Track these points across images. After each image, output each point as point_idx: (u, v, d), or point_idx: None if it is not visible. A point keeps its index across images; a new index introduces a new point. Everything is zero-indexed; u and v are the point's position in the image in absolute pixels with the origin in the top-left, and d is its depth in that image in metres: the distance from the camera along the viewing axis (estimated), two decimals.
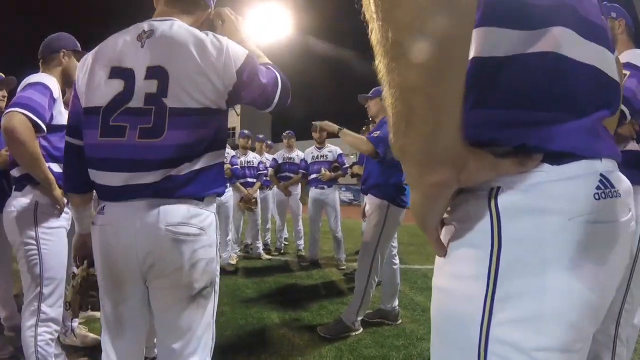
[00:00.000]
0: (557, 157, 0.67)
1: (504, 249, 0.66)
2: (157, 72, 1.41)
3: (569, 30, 0.71)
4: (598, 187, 0.68)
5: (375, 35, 0.58)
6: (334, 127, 3.57)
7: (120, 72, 1.45)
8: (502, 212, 0.67)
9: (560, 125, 0.68)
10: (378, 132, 3.43)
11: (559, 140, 0.67)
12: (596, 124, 0.72)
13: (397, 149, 0.63)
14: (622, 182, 0.73)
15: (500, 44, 0.70)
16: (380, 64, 0.59)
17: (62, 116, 2.33)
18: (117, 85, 1.44)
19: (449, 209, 0.76)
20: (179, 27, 1.47)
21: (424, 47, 0.54)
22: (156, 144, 1.39)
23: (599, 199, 0.67)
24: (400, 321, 3.82)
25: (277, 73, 1.59)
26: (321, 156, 6.42)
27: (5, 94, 3.22)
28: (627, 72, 1.97)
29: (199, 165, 1.44)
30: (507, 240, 0.66)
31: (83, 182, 1.58)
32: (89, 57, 1.55)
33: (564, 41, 0.70)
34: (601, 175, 0.69)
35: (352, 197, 22.29)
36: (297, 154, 7.08)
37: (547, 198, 0.66)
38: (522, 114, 0.69)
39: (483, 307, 0.67)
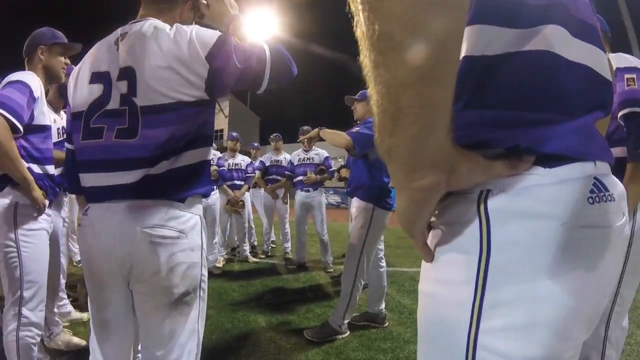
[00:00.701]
0: (550, 160, 0.64)
1: (493, 255, 0.64)
2: (127, 73, 1.40)
3: (562, 29, 0.69)
4: (592, 191, 0.66)
5: (361, 28, 0.55)
6: (315, 131, 3.53)
7: (99, 77, 1.47)
8: (492, 216, 0.65)
9: (553, 127, 0.65)
10: (357, 129, 3.41)
11: (553, 142, 0.64)
12: (590, 126, 0.70)
13: (384, 149, 0.61)
14: (617, 186, 0.71)
15: (492, 42, 0.67)
16: (365, 59, 0.56)
17: (44, 116, 2.30)
18: (97, 89, 1.46)
19: (436, 212, 0.73)
20: (148, 25, 1.45)
21: (416, 41, 0.51)
22: (132, 144, 1.37)
23: (593, 203, 0.65)
24: (387, 324, 3.81)
25: (265, 50, 1.47)
26: (307, 159, 6.42)
27: None
28: (633, 76, 1.97)
29: (178, 163, 1.41)
30: (496, 246, 0.64)
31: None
32: (78, 66, 1.57)
33: (557, 40, 0.68)
34: (595, 178, 0.67)
35: (340, 200, 22.31)
36: (284, 157, 7.09)
37: (540, 202, 0.63)
38: (515, 114, 0.66)
39: (471, 313, 0.65)
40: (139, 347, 1.60)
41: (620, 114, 1.96)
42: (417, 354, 0.79)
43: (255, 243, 7.93)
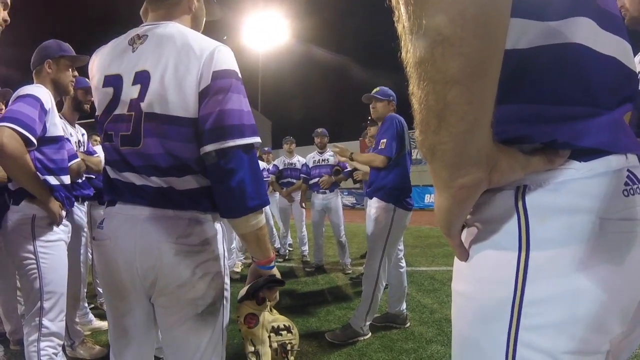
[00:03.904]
0: (585, 154, 0.64)
1: (533, 251, 0.63)
2: (142, 77, 1.34)
3: (591, 21, 0.68)
4: (626, 184, 0.66)
5: (403, 23, 0.54)
6: (348, 152, 3.52)
7: (110, 80, 1.41)
8: (530, 212, 0.64)
9: (589, 120, 0.65)
10: (384, 140, 3.43)
11: (589, 136, 0.64)
12: (621, 119, 0.69)
13: (426, 147, 0.59)
14: None
15: (522, 36, 0.65)
16: (408, 54, 0.55)
17: (56, 127, 2.30)
18: (108, 93, 1.41)
19: (471, 209, 0.72)
20: (173, 27, 1.40)
21: (466, 34, 0.49)
22: (139, 151, 1.33)
23: (628, 195, 0.65)
24: (408, 324, 3.77)
25: (252, 129, 1.33)
26: (322, 160, 6.42)
27: (2, 107, 3.21)
28: None
29: (197, 182, 1.35)
30: (535, 242, 0.63)
31: None
32: (92, 67, 1.52)
33: (587, 33, 0.67)
34: (628, 170, 0.67)
35: (355, 201, 22.26)
36: (297, 159, 7.11)
37: (578, 196, 0.63)
38: (551, 109, 0.65)
39: (511, 311, 0.64)
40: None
41: None
42: (452, 355, 0.78)
43: (278, 246, 7.90)
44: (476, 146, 0.57)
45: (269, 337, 1.52)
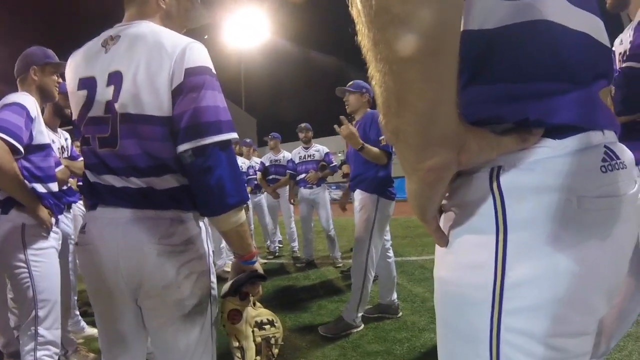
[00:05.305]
0: (560, 131, 0.63)
1: (511, 233, 0.62)
2: (115, 78, 1.32)
3: None
4: (604, 160, 0.64)
5: (356, 7, 0.53)
6: (360, 143, 3.41)
7: (85, 82, 1.40)
8: (506, 193, 0.63)
9: (560, 97, 0.63)
10: (383, 137, 3.40)
11: (561, 113, 0.63)
12: (595, 94, 0.68)
13: (390, 130, 0.59)
14: (625, 153, 0.70)
15: (489, 15, 0.64)
16: (364, 38, 0.55)
17: (42, 135, 2.29)
18: (82, 96, 1.39)
19: (447, 194, 0.71)
20: (145, 26, 1.38)
21: (415, 10, 0.49)
22: (117, 153, 1.33)
23: (606, 171, 0.64)
24: (400, 314, 3.82)
25: (229, 125, 1.32)
26: (308, 156, 6.43)
27: None
28: None
29: (177, 181, 1.35)
30: (512, 223, 0.62)
31: None
32: (67, 71, 1.50)
33: (555, 9, 0.65)
34: (605, 147, 0.66)
35: None
36: (283, 156, 7.09)
37: (553, 175, 0.61)
38: (521, 87, 0.64)
39: (492, 295, 0.63)
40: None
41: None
42: (438, 343, 0.78)
43: (277, 247, 7.79)
44: (440, 126, 0.56)
45: (253, 331, 1.53)
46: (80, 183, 3.28)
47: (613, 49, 2.05)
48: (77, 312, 3.70)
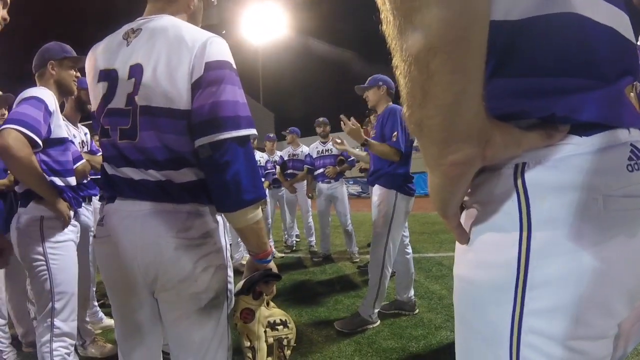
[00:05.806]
0: (586, 128, 0.60)
1: (535, 232, 0.60)
2: (135, 70, 1.33)
3: None
4: (630, 158, 0.62)
5: None
6: (362, 138, 3.50)
7: (105, 75, 1.40)
8: (530, 190, 0.61)
9: (588, 93, 0.61)
10: (395, 133, 3.42)
11: (588, 110, 0.60)
12: (621, 92, 0.65)
13: (414, 123, 0.57)
14: None
15: (514, 6, 0.62)
16: (388, 26, 0.53)
17: (61, 129, 2.32)
18: (103, 88, 1.40)
19: (469, 190, 0.70)
20: (166, 20, 1.38)
21: None
22: (136, 145, 1.33)
23: (632, 170, 0.61)
24: (417, 311, 3.79)
25: (248, 121, 1.31)
26: (326, 150, 6.42)
27: (5, 112, 3.22)
28: None
29: (196, 174, 1.35)
30: (537, 222, 0.60)
31: None
32: (88, 64, 1.51)
33: (583, 1, 0.63)
34: (632, 145, 0.63)
35: (360, 190, 22.22)
36: (301, 150, 7.10)
37: (579, 172, 0.59)
38: (548, 82, 0.61)
39: (514, 295, 0.61)
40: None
41: None
42: (456, 341, 0.76)
43: (294, 241, 7.82)
44: (465, 120, 0.55)
45: (265, 332, 1.52)
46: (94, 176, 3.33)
47: (638, 43, 1.99)
48: (96, 303, 3.77)
